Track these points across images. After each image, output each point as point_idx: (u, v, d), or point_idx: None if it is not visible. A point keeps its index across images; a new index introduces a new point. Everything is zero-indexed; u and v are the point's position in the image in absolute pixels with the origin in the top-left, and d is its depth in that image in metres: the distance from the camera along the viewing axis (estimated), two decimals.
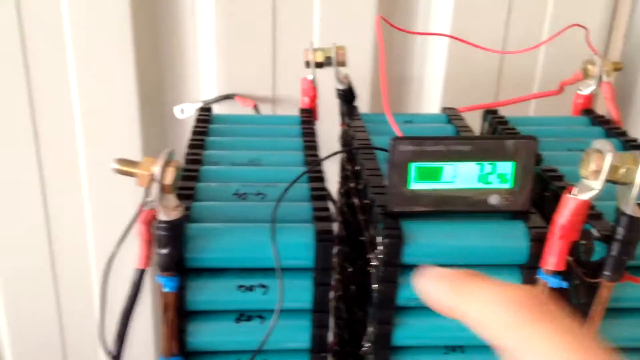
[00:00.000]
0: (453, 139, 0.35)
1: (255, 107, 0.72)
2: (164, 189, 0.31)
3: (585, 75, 0.53)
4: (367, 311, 0.39)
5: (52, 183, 0.74)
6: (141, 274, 0.34)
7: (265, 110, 0.74)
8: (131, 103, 0.71)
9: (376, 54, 0.72)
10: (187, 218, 0.36)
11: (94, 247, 0.76)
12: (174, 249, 0.33)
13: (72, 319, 0.81)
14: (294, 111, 0.55)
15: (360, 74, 0.71)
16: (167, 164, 0.31)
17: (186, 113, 0.74)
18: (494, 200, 0.36)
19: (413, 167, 0.35)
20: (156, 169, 0.31)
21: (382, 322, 0.36)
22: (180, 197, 0.38)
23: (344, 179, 0.53)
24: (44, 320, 0.81)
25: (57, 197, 0.75)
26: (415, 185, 0.35)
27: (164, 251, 0.33)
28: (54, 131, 0.72)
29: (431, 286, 0.24)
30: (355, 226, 0.45)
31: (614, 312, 0.36)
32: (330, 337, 0.53)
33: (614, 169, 0.32)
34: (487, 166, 0.35)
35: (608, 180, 0.33)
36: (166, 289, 0.33)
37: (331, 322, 0.56)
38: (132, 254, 0.34)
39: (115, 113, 0.71)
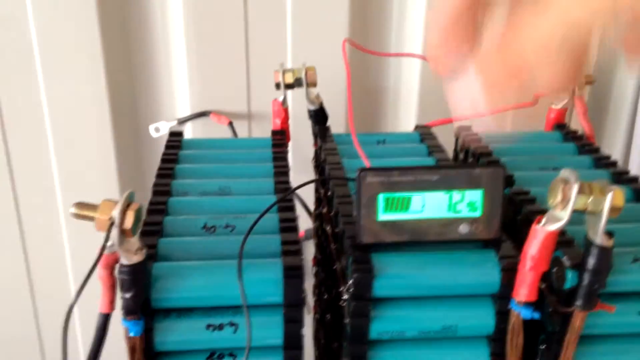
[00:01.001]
0: (421, 169, 0.34)
1: (231, 124, 0.71)
2: (124, 233, 0.30)
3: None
4: (341, 344, 0.39)
5: (25, 204, 0.73)
6: (105, 318, 0.33)
7: (241, 127, 0.73)
8: (104, 123, 0.69)
9: (351, 71, 0.71)
10: (152, 257, 0.35)
11: (72, 269, 0.75)
12: (138, 293, 0.32)
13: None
14: (270, 127, 0.54)
15: (335, 92, 0.71)
16: (126, 207, 0.30)
17: (161, 131, 0.73)
18: (464, 229, 0.35)
19: (381, 198, 0.34)
20: (115, 213, 0.30)
21: (356, 357, 0.36)
22: (147, 233, 0.37)
23: (318, 200, 0.52)
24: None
25: (32, 218, 0.74)
26: (384, 216, 0.35)
27: (128, 295, 0.32)
28: (26, 154, 0.70)
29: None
30: (329, 252, 0.44)
31: (588, 339, 0.36)
32: None
33: (581, 199, 0.32)
34: (455, 195, 0.35)
35: (575, 210, 0.32)
36: (131, 334, 0.32)
37: (310, 350, 0.56)
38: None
39: (89, 134, 0.70)
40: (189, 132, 0.73)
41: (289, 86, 0.51)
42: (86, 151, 0.70)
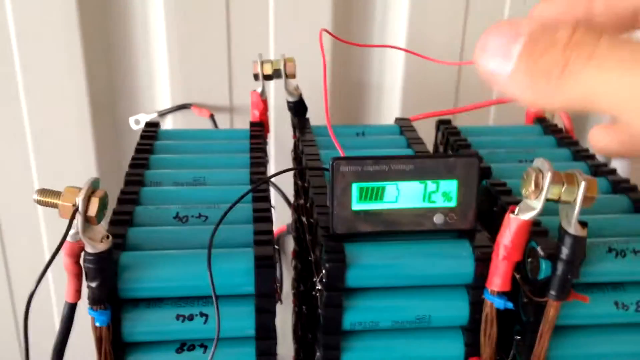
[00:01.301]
0: (395, 158, 0.34)
1: (212, 117, 0.70)
2: (88, 220, 0.30)
3: None
4: (315, 334, 0.38)
5: (2, 197, 0.72)
6: (71, 307, 0.32)
7: (223, 119, 0.72)
8: (83, 115, 0.69)
9: (333, 65, 0.71)
10: (120, 246, 0.34)
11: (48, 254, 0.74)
12: (104, 282, 0.31)
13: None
14: None
15: (317, 84, 0.70)
16: (91, 194, 0.30)
17: (141, 124, 0.72)
18: (438, 219, 0.35)
19: (355, 187, 0.34)
20: (79, 200, 0.29)
21: (329, 347, 0.35)
22: (117, 222, 0.37)
23: (296, 193, 0.52)
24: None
25: (9, 211, 0.73)
26: (357, 206, 0.34)
27: (93, 284, 0.31)
28: (3, 146, 0.69)
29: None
30: (305, 244, 0.44)
31: (563, 329, 0.36)
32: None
33: (554, 188, 0.32)
34: (430, 185, 0.34)
35: (549, 200, 0.32)
36: (97, 324, 0.32)
37: (289, 341, 0.55)
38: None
39: (67, 126, 0.69)
40: (170, 124, 0.72)
41: (267, 77, 0.50)
42: (65, 143, 0.69)
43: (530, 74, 0.18)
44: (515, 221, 0.33)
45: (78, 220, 0.29)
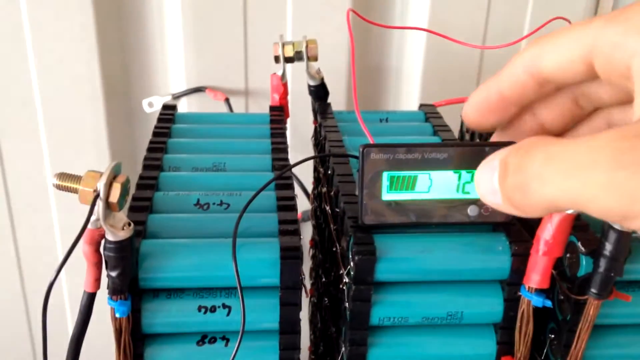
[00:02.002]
0: (429, 146, 0.32)
1: (227, 101, 0.69)
2: (109, 207, 0.28)
3: None
4: (340, 329, 0.37)
5: (14, 182, 0.70)
6: (91, 297, 0.31)
7: (238, 103, 0.70)
8: (96, 97, 0.67)
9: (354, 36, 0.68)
10: (141, 234, 0.33)
11: (61, 245, 0.73)
12: (125, 271, 0.30)
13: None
14: (267, 104, 0.51)
15: (337, 67, 0.68)
16: (112, 179, 0.28)
17: (155, 107, 0.70)
18: (472, 211, 0.33)
19: (385, 176, 0.32)
20: (100, 185, 0.28)
21: (356, 343, 0.34)
22: (136, 208, 0.35)
23: (317, 180, 0.50)
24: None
25: (22, 199, 0.71)
26: (388, 196, 0.32)
27: (114, 273, 0.30)
28: (16, 131, 0.68)
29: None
30: (328, 233, 0.42)
31: (601, 329, 0.34)
32: (304, 350, 0.50)
33: None
34: (465, 175, 0.32)
35: None
36: (117, 315, 0.30)
37: (306, 333, 0.54)
38: None
39: (80, 108, 0.67)
40: (184, 107, 0.71)
41: (288, 60, 0.49)
42: (78, 127, 0.68)
43: (509, 203, 0.20)
44: (557, 215, 0.31)
45: (99, 206, 0.28)
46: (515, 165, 0.20)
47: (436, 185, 0.32)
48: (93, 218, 0.28)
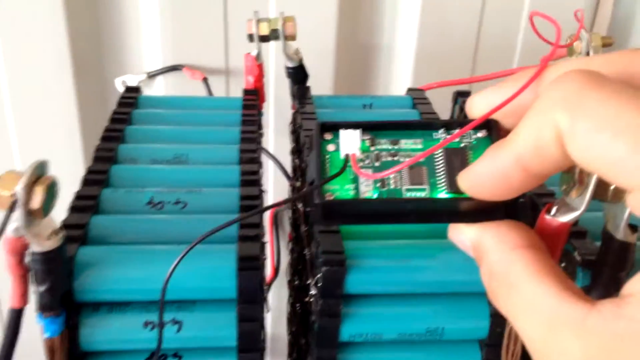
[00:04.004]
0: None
1: (205, 80, 0.64)
2: (31, 214, 0.24)
3: (571, 52, 0.46)
4: (308, 342, 0.33)
5: None
6: (17, 314, 0.27)
7: (218, 83, 0.66)
8: (65, 75, 0.62)
9: (340, 26, 0.64)
10: (79, 239, 0.29)
11: None
12: (54, 285, 0.26)
13: None
14: None
15: (324, 46, 0.64)
16: (34, 181, 0.24)
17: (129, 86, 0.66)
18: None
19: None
20: (18, 189, 0.24)
21: None
22: (78, 209, 0.31)
23: (294, 172, 0.46)
24: None
25: None
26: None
27: (42, 288, 0.26)
28: None
29: None
30: (300, 233, 0.38)
31: None
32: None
33: (602, 184, 0.26)
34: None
35: (595, 198, 0.26)
36: (46, 335, 0.27)
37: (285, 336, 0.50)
38: None
39: (48, 87, 0.63)
40: (161, 87, 0.66)
41: (263, 38, 0.44)
42: (46, 106, 0.64)
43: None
44: (552, 223, 0.27)
45: (19, 213, 0.24)
46: (498, 276, 0.19)
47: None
48: (13, 226, 0.24)
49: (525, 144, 0.18)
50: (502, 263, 0.19)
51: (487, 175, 0.19)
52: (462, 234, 0.21)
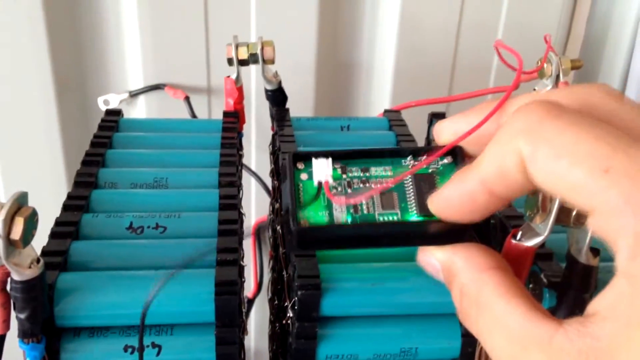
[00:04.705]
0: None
1: (187, 99, 0.65)
2: (12, 244, 0.25)
3: (541, 74, 0.48)
4: None
5: None
6: None
7: (200, 102, 0.67)
8: (48, 95, 0.63)
9: (319, 45, 0.65)
10: (60, 265, 0.30)
11: None
12: (35, 312, 0.27)
13: None
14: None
15: (304, 66, 0.65)
16: (14, 213, 0.25)
17: (111, 104, 0.66)
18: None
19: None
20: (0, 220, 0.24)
21: None
22: (57, 234, 0.32)
23: (273, 192, 0.47)
24: None
25: None
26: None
27: (22, 315, 0.27)
28: None
29: None
30: (278, 255, 0.39)
31: None
32: None
33: (564, 211, 0.27)
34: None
35: (558, 223, 0.27)
36: (28, 359, 0.27)
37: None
38: None
39: (30, 106, 0.63)
40: (143, 106, 0.67)
41: (242, 62, 0.45)
42: (28, 126, 0.64)
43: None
44: (517, 247, 0.28)
45: (0, 243, 0.25)
46: (469, 296, 0.20)
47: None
48: None
49: (489, 169, 0.19)
50: (473, 284, 0.20)
51: (455, 198, 0.20)
52: (432, 257, 0.22)
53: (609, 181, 0.15)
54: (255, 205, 0.72)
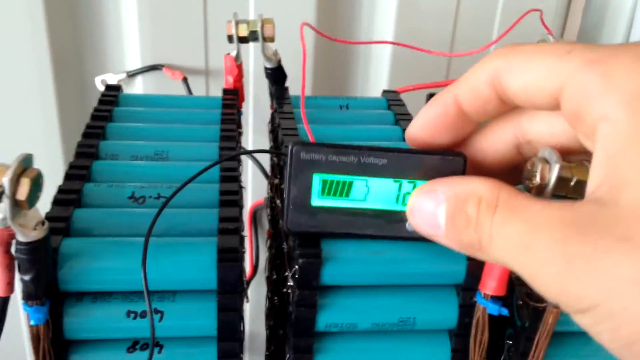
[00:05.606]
0: (368, 149, 0.27)
1: (185, 80, 0.65)
2: (17, 205, 0.25)
3: None
4: (286, 333, 0.34)
5: None
6: (3, 302, 0.28)
7: (198, 83, 0.67)
8: (45, 74, 0.63)
9: (318, 25, 0.65)
10: (64, 231, 0.30)
11: None
12: (39, 274, 0.27)
13: None
14: None
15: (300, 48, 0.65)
16: (20, 173, 0.25)
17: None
18: (411, 226, 0.29)
19: (317, 179, 0.27)
20: (5, 180, 0.24)
21: (300, 351, 0.32)
22: (61, 202, 0.32)
23: (272, 169, 0.47)
24: None
25: None
26: (318, 202, 0.27)
27: (27, 277, 0.27)
28: None
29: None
30: (278, 229, 0.39)
31: (559, 336, 0.32)
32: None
33: (562, 181, 0.27)
34: (406, 185, 0.27)
35: (555, 195, 0.28)
36: (32, 321, 0.27)
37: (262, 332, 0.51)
38: None
39: (28, 86, 0.63)
40: (140, 87, 0.67)
41: (242, 40, 0.45)
42: (25, 106, 0.64)
43: (458, 246, 0.21)
44: None
45: (6, 204, 0.25)
46: (472, 219, 0.20)
47: (374, 193, 0.27)
48: (0, 216, 0.25)
49: (462, 85, 0.22)
50: (490, 192, 0.20)
51: (430, 113, 0.23)
52: (431, 195, 0.22)
53: (571, 55, 0.18)
54: (251, 187, 0.72)
